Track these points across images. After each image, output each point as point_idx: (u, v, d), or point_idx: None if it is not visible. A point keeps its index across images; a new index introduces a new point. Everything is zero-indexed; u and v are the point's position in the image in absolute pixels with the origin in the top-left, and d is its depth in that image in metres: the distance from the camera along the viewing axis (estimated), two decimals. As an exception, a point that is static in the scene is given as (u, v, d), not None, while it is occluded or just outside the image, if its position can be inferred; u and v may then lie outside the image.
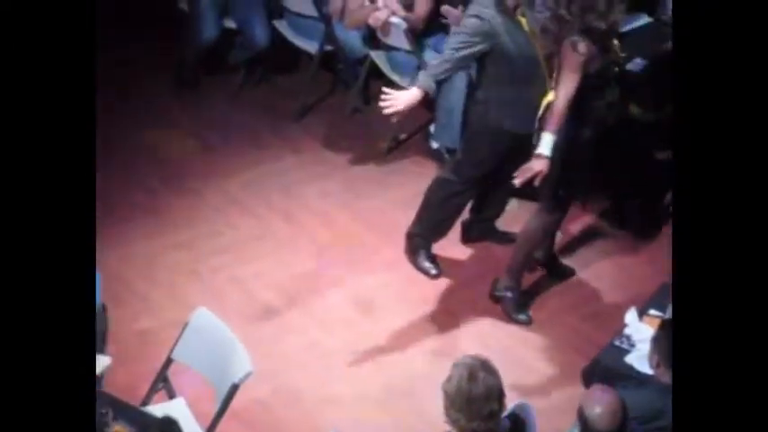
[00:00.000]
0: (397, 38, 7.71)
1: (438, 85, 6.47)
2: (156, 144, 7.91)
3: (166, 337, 5.81)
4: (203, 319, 5.43)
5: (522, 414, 4.87)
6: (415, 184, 7.51)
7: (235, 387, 5.14)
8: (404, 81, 7.84)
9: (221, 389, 5.23)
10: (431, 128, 7.86)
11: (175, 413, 5.21)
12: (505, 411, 4.66)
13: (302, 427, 6.02)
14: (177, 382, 5.58)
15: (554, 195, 6.37)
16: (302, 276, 6.95)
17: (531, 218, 6.57)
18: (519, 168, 6.08)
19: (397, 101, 6.25)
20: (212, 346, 5.35)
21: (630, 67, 7.03)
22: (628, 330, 5.75)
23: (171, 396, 5.54)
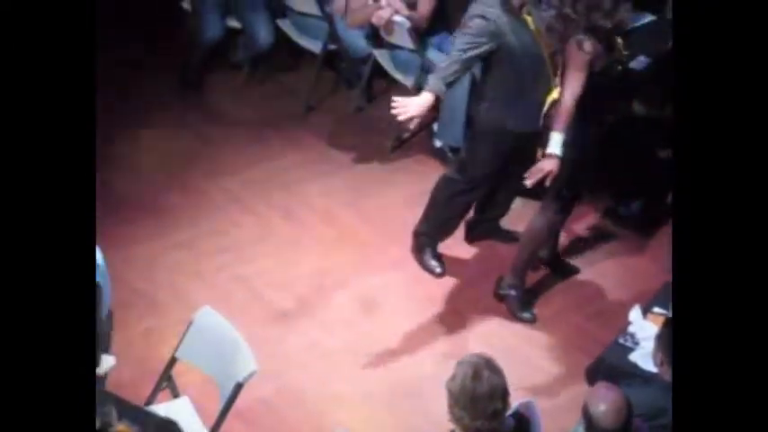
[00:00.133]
0: (401, 36, 7.71)
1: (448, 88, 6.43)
2: (158, 143, 7.90)
3: (170, 336, 5.81)
4: (207, 319, 5.43)
5: (527, 412, 4.87)
6: (418, 182, 7.51)
7: (239, 386, 5.14)
8: (407, 80, 7.84)
9: (225, 388, 5.22)
10: (434, 126, 7.85)
11: (179, 412, 5.23)
12: (510, 410, 4.65)
13: (306, 427, 6.02)
14: (181, 382, 5.58)
15: (559, 194, 6.37)
16: (306, 275, 6.94)
17: (536, 216, 6.57)
18: (528, 169, 6.08)
19: (407, 107, 6.20)
20: (216, 346, 5.35)
21: (634, 65, 7.01)
22: (632, 328, 5.75)
23: (175, 395, 5.54)
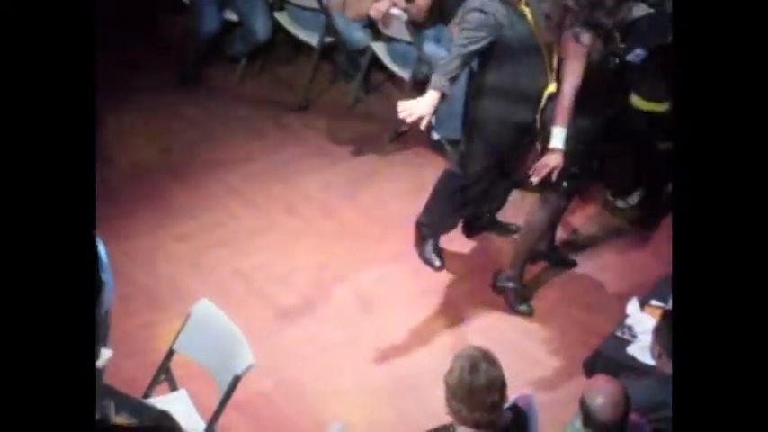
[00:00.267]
0: (398, 29, 7.71)
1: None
2: (157, 136, 7.90)
3: (168, 329, 5.81)
4: (205, 311, 5.43)
5: (525, 405, 4.87)
6: (416, 175, 7.52)
7: (237, 379, 5.14)
8: (404, 72, 7.85)
9: (223, 381, 5.23)
10: (432, 119, 7.84)
11: (177, 405, 5.24)
12: (507, 403, 4.65)
13: (305, 420, 6.03)
14: (179, 375, 5.58)
15: (557, 187, 6.37)
16: (305, 268, 6.95)
17: (534, 209, 6.57)
18: (524, 161, 6.07)
19: (413, 109, 6.18)
20: (214, 338, 5.35)
21: (631, 57, 7.01)
22: (629, 321, 5.76)
23: (173, 388, 5.54)
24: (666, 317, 5.19)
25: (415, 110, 6.12)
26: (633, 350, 5.62)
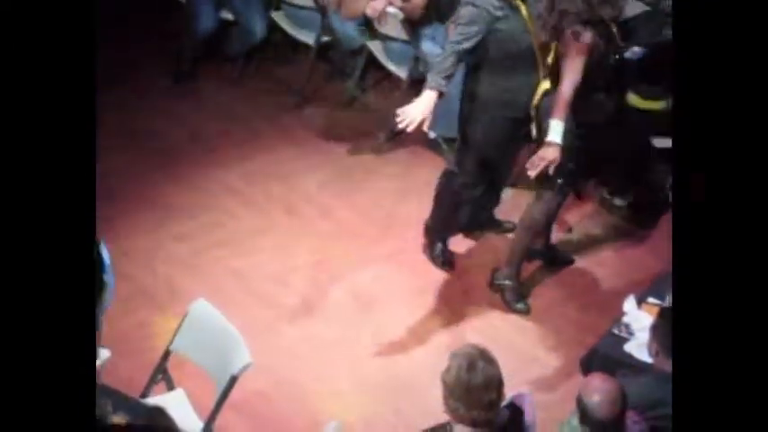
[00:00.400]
0: (394, 28, 7.71)
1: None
2: (154, 136, 7.91)
3: (166, 328, 5.82)
4: (202, 311, 5.43)
5: (522, 404, 4.87)
6: (412, 173, 7.52)
7: (234, 379, 5.14)
8: (401, 71, 7.85)
9: (220, 380, 5.23)
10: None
11: (175, 405, 5.23)
12: (504, 401, 4.65)
13: (302, 419, 6.03)
14: (176, 374, 5.58)
15: (553, 184, 6.36)
16: (302, 268, 6.95)
17: (530, 207, 6.56)
18: (516, 157, 6.07)
19: (412, 115, 6.16)
20: (211, 338, 5.35)
21: (628, 55, 7.01)
22: (626, 319, 5.75)
23: (170, 388, 5.54)
24: (663, 314, 5.19)
25: (414, 114, 6.11)
26: (630, 348, 5.61)
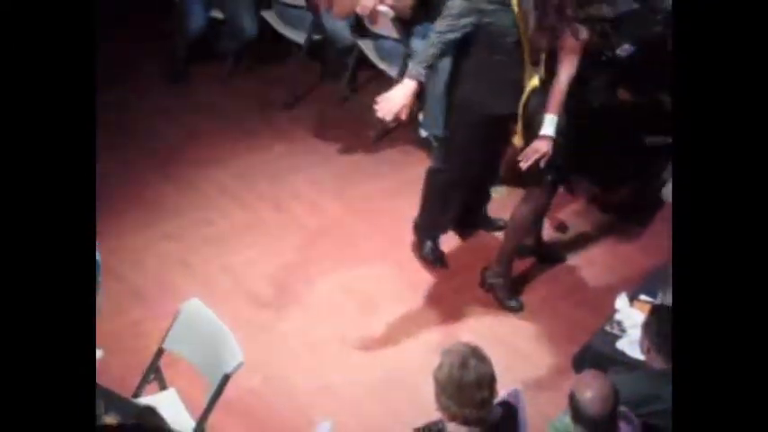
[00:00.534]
0: (385, 26, 7.71)
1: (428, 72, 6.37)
2: (145, 134, 7.90)
3: (157, 327, 5.80)
4: (194, 310, 5.43)
5: (514, 401, 4.87)
6: (403, 172, 7.53)
7: (226, 377, 5.14)
8: (392, 69, 7.85)
9: (213, 379, 5.22)
10: (419, 116, 7.86)
11: (167, 404, 5.22)
12: (497, 399, 4.65)
13: (295, 417, 6.02)
14: (169, 374, 5.58)
15: (543, 181, 6.36)
16: (293, 265, 6.95)
17: (520, 204, 6.56)
18: (504, 154, 6.07)
19: (389, 102, 6.16)
20: (203, 337, 5.35)
21: (619, 52, 7.02)
22: (618, 316, 5.76)
23: (162, 387, 5.54)
24: (655, 312, 5.20)
25: (392, 104, 6.11)
26: (622, 345, 5.62)
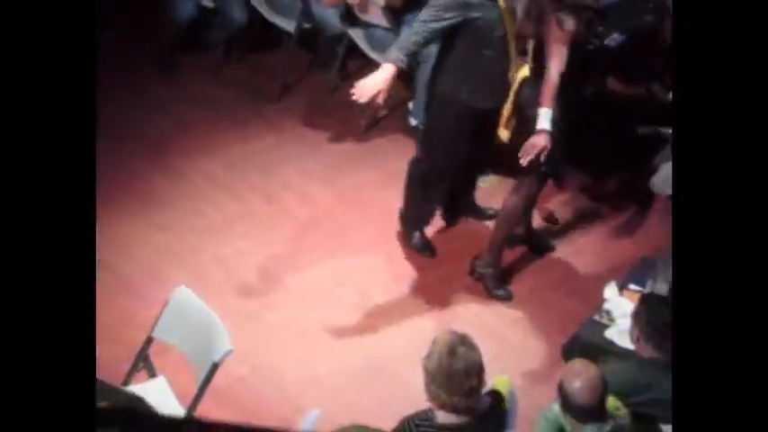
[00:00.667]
0: (376, 15, 7.70)
1: (417, 62, 6.38)
2: (135, 125, 7.88)
3: (147, 317, 5.80)
4: (184, 298, 5.43)
5: (503, 390, 4.88)
6: (393, 161, 7.52)
7: (215, 366, 5.14)
8: (382, 58, 7.82)
9: (202, 368, 5.23)
10: (409, 105, 7.86)
11: (156, 392, 5.23)
12: (486, 388, 4.66)
13: (283, 406, 6.02)
14: (158, 362, 5.58)
15: (534, 171, 6.35)
16: (283, 255, 6.95)
17: (510, 194, 6.56)
18: (491, 146, 6.07)
19: (366, 89, 6.18)
20: (193, 325, 5.35)
21: (608, 42, 7.03)
22: (607, 305, 5.77)
23: (152, 375, 5.54)
24: (645, 301, 5.22)
25: (368, 89, 6.13)
26: (611, 334, 5.64)
